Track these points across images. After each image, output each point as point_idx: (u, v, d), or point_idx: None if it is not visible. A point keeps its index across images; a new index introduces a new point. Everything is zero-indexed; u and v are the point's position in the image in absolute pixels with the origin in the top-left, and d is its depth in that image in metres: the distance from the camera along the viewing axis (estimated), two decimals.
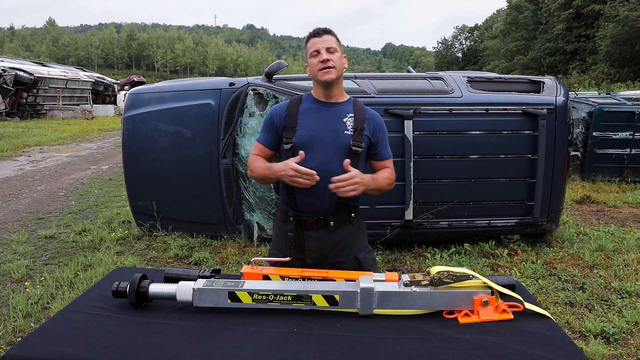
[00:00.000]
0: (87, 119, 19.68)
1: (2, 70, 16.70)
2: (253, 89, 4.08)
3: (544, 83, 4.19)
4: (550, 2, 49.77)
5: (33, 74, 18.25)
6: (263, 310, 1.37)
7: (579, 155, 7.30)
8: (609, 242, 4.37)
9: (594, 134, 7.07)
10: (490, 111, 3.97)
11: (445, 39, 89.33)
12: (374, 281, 1.38)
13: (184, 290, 1.38)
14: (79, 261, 3.91)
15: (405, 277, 1.38)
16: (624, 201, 6.20)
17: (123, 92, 24.80)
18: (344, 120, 1.84)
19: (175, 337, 1.23)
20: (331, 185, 1.68)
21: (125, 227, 4.85)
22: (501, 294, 1.37)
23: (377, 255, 3.98)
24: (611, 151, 7.17)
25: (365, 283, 1.36)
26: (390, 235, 4.03)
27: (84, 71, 25.08)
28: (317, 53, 1.79)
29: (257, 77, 4.22)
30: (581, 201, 6.21)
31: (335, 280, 1.47)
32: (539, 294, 3.33)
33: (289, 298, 1.35)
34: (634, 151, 7.09)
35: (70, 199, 6.36)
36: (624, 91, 15.98)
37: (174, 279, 1.50)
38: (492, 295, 1.35)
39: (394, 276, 1.45)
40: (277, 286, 1.39)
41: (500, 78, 4.36)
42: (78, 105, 21.22)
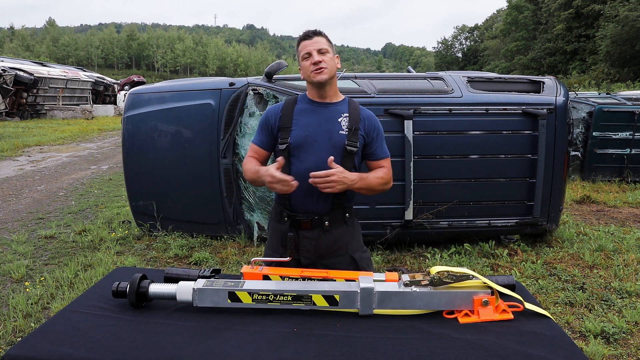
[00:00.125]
0: (87, 119, 19.68)
1: (2, 70, 16.70)
2: (253, 89, 4.08)
3: (544, 83, 4.19)
4: (550, 2, 49.76)
5: (33, 74, 18.25)
6: (263, 310, 1.37)
7: (579, 155, 7.30)
8: (609, 242, 4.37)
9: (594, 134, 7.08)
10: (490, 111, 3.97)
11: (445, 39, 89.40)
12: (374, 281, 1.39)
13: (184, 290, 1.38)
14: (79, 261, 3.91)
15: (405, 277, 1.38)
16: (624, 201, 6.20)
17: (123, 92, 24.80)
18: (339, 120, 1.84)
19: (175, 337, 1.23)
20: (310, 179, 1.69)
21: (125, 227, 4.85)
22: (501, 294, 1.37)
23: (377, 256, 3.98)
24: (611, 151, 7.17)
25: (365, 283, 1.36)
26: (390, 235, 4.03)
27: (84, 71, 25.09)
28: (308, 55, 1.80)
29: (257, 77, 4.23)
30: (581, 201, 6.21)
31: (335, 280, 1.47)
32: (539, 294, 3.33)
33: (289, 298, 1.35)
34: (634, 151, 7.09)
35: (70, 199, 6.36)
36: (624, 91, 15.98)
37: (174, 279, 1.50)
38: (492, 295, 1.35)
39: (394, 276, 1.45)
40: (277, 286, 1.39)
41: (500, 78, 4.37)
42: (78, 105, 21.23)
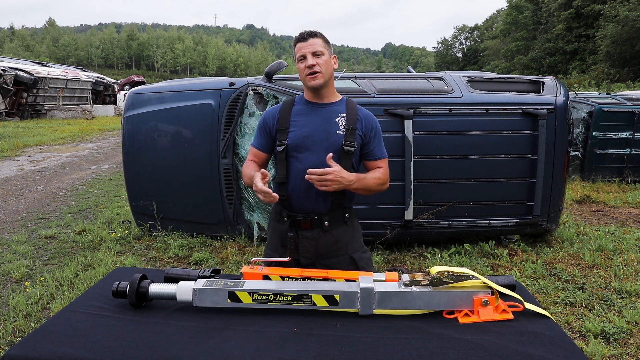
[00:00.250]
0: (87, 119, 19.68)
1: (2, 70, 16.70)
2: (253, 89, 4.08)
3: (544, 83, 4.19)
4: (550, 2, 49.76)
5: (33, 74, 18.25)
6: (263, 310, 1.37)
7: (579, 155, 7.30)
8: (609, 242, 4.37)
9: (594, 134, 7.07)
10: (490, 111, 3.97)
11: (445, 39, 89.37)
12: (374, 281, 1.39)
13: (184, 290, 1.38)
14: (79, 261, 3.91)
15: (405, 277, 1.38)
16: (624, 201, 6.20)
17: (123, 92, 24.80)
18: (336, 120, 1.84)
19: (175, 337, 1.23)
20: (306, 176, 1.68)
21: (125, 227, 4.85)
22: (501, 294, 1.37)
23: (377, 256, 3.98)
24: (611, 151, 7.17)
25: (365, 283, 1.36)
26: (390, 235, 4.03)
27: (84, 71, 25.08)
28: (303, 58, 1.80)
29: (257, 77, 4.22)
30: (581, 201, 6.21)
31: (335, 280, 1.47)
32: (539, 294, 3.33)
33: (289, 298, 1.35)
34: (634, 151, 7.09)
35: (70, 199, 6.36)
36: (624, 91, 15.98)
37: (174, 279, 1.50)
38: (492, 295, 1.35)
39: (394, 276, 1.45)
40: (277, 286, 1.39)
41: (500, 78, 4.36)
42: (78, 105, 21.22)
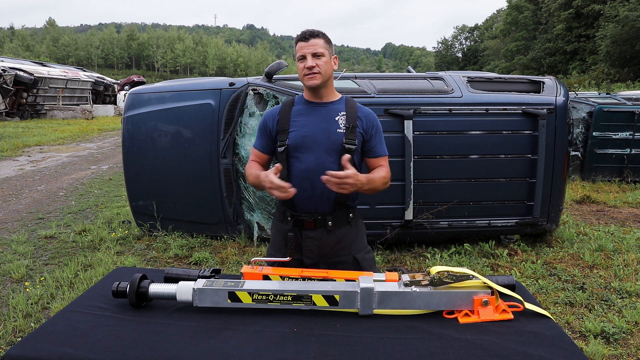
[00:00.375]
0: (87, 119, 19.68)
1: (2, 70, 16.70)
2: (253, 89, 4.08)
3: (544, 83, 4.19)
4: (550, 2, 49.76)
5: (33, 74, 18.25)
6: (263, 310, 1.37)
7: (579, 155, 7.30)
8: (609, 242, 4.37)
9: (594, 134, 7.07)
10: (490, 111, 3.97)
11: (445, 39, 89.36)
12: (374, 281, 1.38)
13: (184, 290, 1.38)
14: (79, 261, 3.91)
15: (405, 277, 1.38)
16: (624, 201, 6.20)
17: (123, 92, 24.80)
18: (336, 119, 1.84)
19: (175, 337, 1.23)
20: (323, 177, 1.65)
21: (125, 227, 4.85)
22: (501, 294, 1.37)
23: (377, 255, 3.98)
24: (611, 151, 7.16)
25: (365, 283, 1.36)
26: (390, 235, 4.03)
27: (84, 71, 25.08)
28: (303, 58, 1.79)
29: (257, 77, 4.22)
30: (581, 201, 6.21)
31: (335, 280, 1.47)
32: (539, 294, 3.33)
33: (289, 298, 1.35)
34: (634, 151, 7.09)
35: (70, 199, 6.36)
36: (624, 91, 15.98)
37: (174, 279, 1.50)
38: (492, 295, 1.35)
39: (394, 276, 1.45)
40: (277, 286, 1.39)
41: (500, 78, 4.36)
42: (78, 105, 21.22)
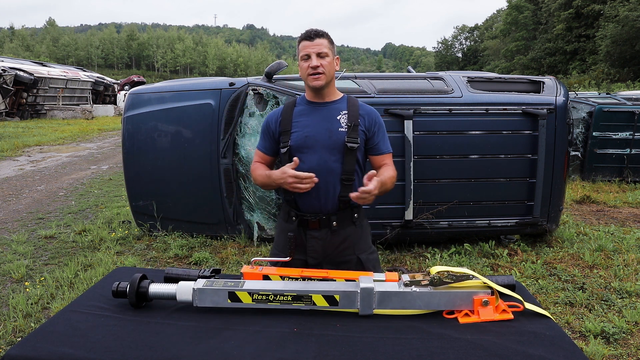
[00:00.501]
0: (87, 119, 19.68)
1: (2, 70, 16.70)
2: (253, 89, 4.08)
3: (544, 83, 4.19)
4: (550, 2, 49.75)
5: (33, 74, 18.25)
6: (263, 310, 1.37)
7: (579, 155, 7.30)
8: (609, 242, 4.37)
9: (594, 134, 7.07)
10: (490, 111, 3.97)
11: (445, 39, 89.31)
12: (374, 281, 1.38)
13: (184, 290, 1.38)
14: (79, 261, 3.91)
15: (405, 277, 1.38)
16: (624, 201, 6.20)
17: (123, 92, 24.79)
18: (338, 118, 1.84)
19: (175, 337, 1.23)
20: (353, 194, 1.65)
21: (125, 227, 4.85)
22: (501, 294, 1.37)
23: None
24: (611, 151, 7.16)
25: (365, 283, 1.36)
26: (390, 235, 4.03)
27: (84, 71, 25.08)
28: (307, 57, 1.79)
29: (257, 77, 4.22)
30: (581, 201, 6.21)
31: (335, 280, 1.47)
32: (539, 294, 3.33)
33: (289, 298, 1.35)
34: (634, 151, 7.09)
35: (70, 199, 6.36)
36: (624, 91, 15.98)
37: (174, 279, 1.50)
38: (492, 295, 1.35)
39: (394, 276, 1.45)
40: (277, 286, 1.39)
41: (500, 78, 4.36)
42: (78, 105, 21.22)
